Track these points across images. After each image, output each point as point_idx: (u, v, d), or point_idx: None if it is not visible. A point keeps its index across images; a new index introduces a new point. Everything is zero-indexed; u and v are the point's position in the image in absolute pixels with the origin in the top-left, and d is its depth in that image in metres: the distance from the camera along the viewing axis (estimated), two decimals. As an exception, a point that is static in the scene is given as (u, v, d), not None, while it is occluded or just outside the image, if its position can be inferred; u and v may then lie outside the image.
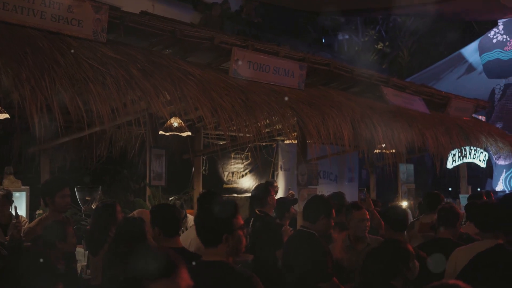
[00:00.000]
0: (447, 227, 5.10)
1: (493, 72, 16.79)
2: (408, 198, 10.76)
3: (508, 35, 16.50)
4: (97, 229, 5.27)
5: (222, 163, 11.14)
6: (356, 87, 9.40)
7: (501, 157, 14.99)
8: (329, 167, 11.90)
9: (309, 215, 4.87)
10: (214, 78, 6.46)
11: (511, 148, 12.54)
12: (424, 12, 14.18)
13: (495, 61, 16.67)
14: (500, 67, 16.60)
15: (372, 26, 22.92)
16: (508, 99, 16.51)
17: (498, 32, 16.73)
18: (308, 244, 4.71)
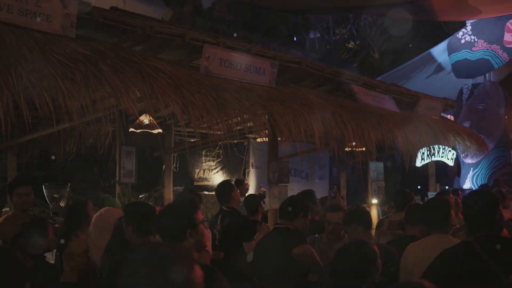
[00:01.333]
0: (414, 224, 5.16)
1: (461, 72, 17.04)
2: (378, 196, 10.88)
3: (476, 36, 16.77)
4: (68, 226, 5.23)
5: (193, 160, 11.11)
6: (327, 85, 9.45)
7: (469, 155, 15.26)
8: (300, 164, 11.98)
9: (289, 214, 4.89)
10: (185, 75, 6.42)
11: (478, 147, 12.78)
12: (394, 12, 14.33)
13: (463, 61, 16.93)
14: (468, 67, 16.85)
15: (343, 25, 23.12)
16: (475, 99, 16.79)
17: (466, 32, 16.98)
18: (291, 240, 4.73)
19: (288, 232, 4.81)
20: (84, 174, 10.06)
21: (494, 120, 16.57)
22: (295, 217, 4.86)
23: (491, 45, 16.54)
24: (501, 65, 16.88)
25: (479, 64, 16.75)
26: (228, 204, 6.26)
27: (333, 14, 20.32)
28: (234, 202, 6.35)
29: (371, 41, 23.64)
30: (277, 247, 4.75)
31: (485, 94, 16.85)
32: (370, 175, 10.77)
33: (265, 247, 4.96)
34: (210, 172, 11.33)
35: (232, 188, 6.41)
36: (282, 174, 7.82)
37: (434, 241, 4.22)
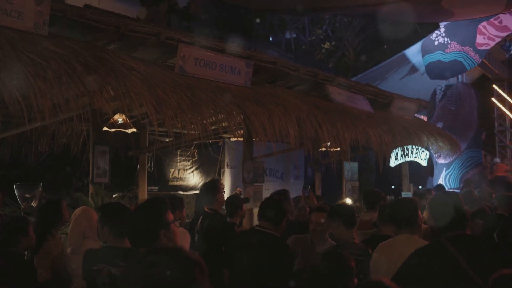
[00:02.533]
0: (388, 224, 5.20)
1: (434, 73, 17.22)
2: (352, 195, 10.97)
3: (449, 38, 16.97)
4: (41, 225, 5.15)
5: (168, 160, 11.03)
6: (302, 85, 9.49)
7: (442, 156, 15.45)
8: (275, 164, 11.99)
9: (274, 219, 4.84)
10: (159, 75, 6.40)
11: (451, 147, 12.96)
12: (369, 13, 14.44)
13: (436, 63, 17.10)
14: (441, 68, 17.04)
15: (319, 25, 23.24)
16: (448, 100, 16.99)
17: (440, 34, 17.17)
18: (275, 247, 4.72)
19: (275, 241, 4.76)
20: (57, 174, 9.93)
21: (466, 121, 16.80)
22: (280, 223, 4.83)
23: (464, 47, 16.76)
24: (473, 66, 17.11)
25: (452, 65, 16.95)
26: (212, 206, 6.20)
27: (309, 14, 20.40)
28: (218, 204, 6.29)
29: (346, 42, 23.81)
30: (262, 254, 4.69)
31: (458, 95, 17.07)
32: (344, 175, 10.87)
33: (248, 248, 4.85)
34: (185, 172, 11.27)
35: (218, 190, 6.33)
36: (257, 174, 7.84)
37: (401, 241, 4.26)
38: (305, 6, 12.77)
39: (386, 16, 15.33)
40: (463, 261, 3.26)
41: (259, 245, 4.71)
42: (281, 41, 23.11)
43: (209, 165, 11.39)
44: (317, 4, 12.59)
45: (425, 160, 13.05)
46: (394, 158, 11.86)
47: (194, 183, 11.26)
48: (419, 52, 17.80)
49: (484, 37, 16.57)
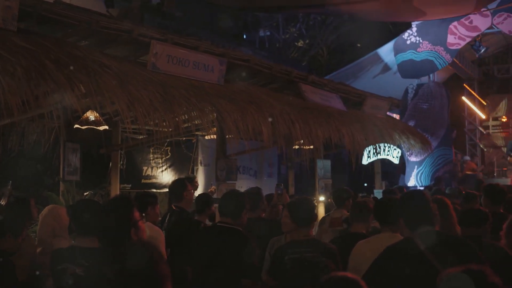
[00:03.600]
0: (360, 221, 5.24)
1: (406, 72, 17.40)
2: (325, 193, 11.03)
3: (421, 37, 17.17)
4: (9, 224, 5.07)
5: (141, 158, 10.96)
6: (275, 83, 9.51)
7: (413, 154, 15.65)
8: (249, 162, 12.01)
9: (232, 211, 4.80)
10: (131, 72, 6.34)
11: (422, 145, 13.12)
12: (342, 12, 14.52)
13: (408, 62, 17.28)
14: (413, 67, 17.23)
15: (292, 23, 23.29)
16: (420, 98, 17.18)
17: (412, 34, 17.36)
18: (236, 241, 4.67)
19: (235, 235, 4.72)
20: (27, 172, 9.79)
21: (438, 119, 17.02)
22: (238, 217, 4.81)
23: (435, 46, 16.98)
24: (445, 66, 17.36)
25: (423, 64, 17.16)
26: (179, 204, 6.18)
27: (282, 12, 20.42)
28: (186, 202, 6.26)
29: (320, 40, 23.91)
30: (223, 249, 4.66)
31: (429, 94, 17.27)
32: (317, 172, 10.92)
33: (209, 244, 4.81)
34: (158, 170, 11.21)
35: (186, 187, 6.29)
36: (230, 172, 7.83)
37: (383, 239, 4.29)
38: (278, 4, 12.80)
39: (359, 15, 15.43)
40: (432, 257, 3.31)
41: (220, 240, 4.69)
42: (255, 39, 23.11)
43: (182, 163, 11.35)
44: (291, 2, 12.62)
45: (397, 158, 13.19)
46: (367, 156, 11.96)
47: (167, 180, 11.20)
48: (391, 51, 17.97)
49: (455, 37, 16.81)
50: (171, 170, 11.36)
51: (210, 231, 5.11)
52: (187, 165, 11.35)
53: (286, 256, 4.41)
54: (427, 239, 3.44)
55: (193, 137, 11.05)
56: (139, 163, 11.03)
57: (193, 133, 9.93)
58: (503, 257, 4.15)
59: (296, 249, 4.46)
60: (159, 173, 11.23)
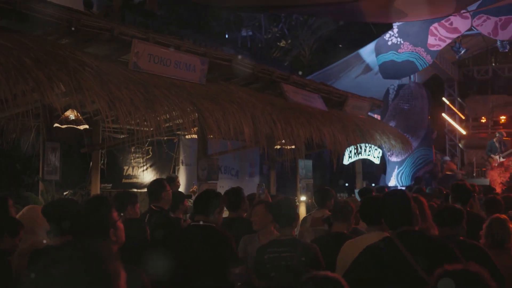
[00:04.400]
0: (341, 221, 5.26)
1: (388, 73, 17.52)
2: (307, 193, 11.07)
3: (402, 38, 17.30)
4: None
5: (122, 157, 10.90)
6: (257, 83, 9.52)
7: (394, 154, 15.77)
8: (230, 162, 11.99)
9: (206, 210, 4.83)
10: (112, 71, 6.30)
11: (403, 145, 13.22)
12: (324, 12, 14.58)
13: (389, 63, 17.40)
14: (394, 68, 17.35)
15: (275, 23, 23.32)
16: (401, 99, 17.32)
17: (393, 35, 17.48)
18: (211, 237, 4.68)
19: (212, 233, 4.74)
20: (7, 171, 9.69)
21: (418, 119, 17.17)
22: (212, 214, 4.79)
23: (416, 47, 17.12)
24: (425, 67, 17.51)
25: (404, 65, 17.29)
26: (158, 204, 6.17)
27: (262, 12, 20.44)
28: (164, 202, 6.25)
29: (302, 41, 23.98)
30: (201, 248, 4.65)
31: (410, 95, 17.41)
32: (299, 172, 10.95)
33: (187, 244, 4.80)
34: (139, 169, 11.16)
35: (164, 187, 6.29)
36: (212, 171, 7.82)
37: (373, 239, 4.31)
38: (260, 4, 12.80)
39: (341, 16, 15.50)
40: (410, 256, 3.35)
41: (197, 239, 4.69)
42: (237, 38, 23.10)
43: (164, 163, 11.31)
44: (272, 2, 12.64)
45: (378, 158, 13.28)
46: (348, 156, 12.03)
47: (148, 180, 11.13)
48: (373, 51, 18.08)
49: (435, 38, 16.96)
50: (152, 169, 11.31)
51: (186, 231, 5.13)
52: (169, 164, 11.31)
53: (266, 255, 4.47)
54: (406, 238, 3.48)
55: (175, 136, 11.01)
56: (120, 162, 10.97)
57: (174, 132, 9.90)
58: (482, 257, 4.20)
59: (275, 248, 4.50)
60: (140, 172, 11.17)
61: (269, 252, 4.49)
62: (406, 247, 3.41)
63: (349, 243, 4.46)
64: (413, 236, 3.53)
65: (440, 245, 3.55)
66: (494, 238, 4.86)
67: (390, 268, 3.45)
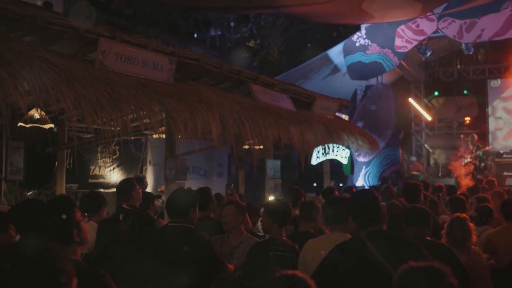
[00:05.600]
0: (307, 220, 5.29)
1: (355, 74, 17.68)
2: (275, 193, 11.09)
3: (370, 40, 17.48)
4: None
5: (88, 157, 10.76)
6: (225, 83, 9.49)
7: (361, 154, 15.92)
8: (199, 162, 11.95)
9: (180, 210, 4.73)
10: (78, 69, 6.20)
11: (370, 146, 13.35)
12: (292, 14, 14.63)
13: (357, 64, 17.57)
14: (362, 69, 17.52)
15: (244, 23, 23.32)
16: (368, 100, 17.50)
17: (361, 36, 17.66)
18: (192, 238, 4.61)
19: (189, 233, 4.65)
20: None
21: (385, 120, 17.38)
22: (187, 214, 4.74)
23: (383, 49, 17.32)
24: (392, 68, 17.73)
25: (372, 66, 17.47)
26: (128, 202, 6.12)
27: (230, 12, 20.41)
28: (134, 200, 6.21)
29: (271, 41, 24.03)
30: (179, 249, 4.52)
31: (377, 96, 17.62)
32: (267, 172, 10.97)
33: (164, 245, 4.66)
34: (106, 169, 11.03)
35: (134, 186, 6.24)
36: (180, 172, 7.78)
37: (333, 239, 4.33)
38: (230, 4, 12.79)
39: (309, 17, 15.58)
40: (379, 255, 3.38)
41: (175, 239, 4.60)
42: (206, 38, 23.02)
43: (131, 162, 11.20)
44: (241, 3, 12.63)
45: (346, 158, 13.39)
46: (316, 156, 12.10)
47: (115, 180, 11.02)
48: (341, 52, 18.23)
49: (402, 40, 17.19)
50: (119, 169, 11.19)
51: (163, 232, 4.96)
52: (136, 164, 11.20)
53: (271, 252, 4.52)
54: (375, 238, 3.52)
55: (142, 136, 10.91)
56: (86, 162, 10.83)
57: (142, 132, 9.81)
58: (449, 257, 4.28)
59: (278, 246, 4.58)
60: (107, 172, 11.05)
61: (274, 250, 4.55)
62: (376, 246, 3.45)
63: (311, 242, 4.48)
64: (382, 236, 3.58)
65: (409, 244, 3.60)
66: (454, 237, 4.96)
67: (360, 267, 3.48)
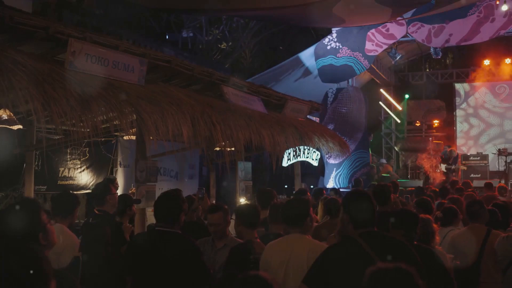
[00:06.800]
0: (278, 222, 5.32)
1: (326, 77, 17.83)
2: (246, 194, 11.11)
3: (341, 43, 17.65)
4: None
5: (57, 158, 10.64)
6: (197, 85, 9.48)
7: (332, 156, 16.04)
8: (170, 164, 11.92)
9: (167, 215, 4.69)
10: (48, 70, 6.14)
11: (341, 148, 13.46)
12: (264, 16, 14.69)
13: (328, 67, 17.72)
14: (333, 72, 17.68)
15: (216, 25, 23.31)
16: (339, 102, 17.66)
17: (332, 39, 17.82)
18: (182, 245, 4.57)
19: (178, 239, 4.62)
20: None
21: (355, 123, 17.56)
22: (177, 220, 4.69)
23: (354, 52, 17.51)
24: (363, 71, 17.95)
25: (343, 69, 17.65)
26: (101, 207, 6.05)
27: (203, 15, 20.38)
28: (109, 205, 6.14)
29: (243, 43, 24.07)
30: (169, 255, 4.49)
31: (348, 98, 17.79)
32: (238, 174, 10.98)
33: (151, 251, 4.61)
34: (75, 171, 10.92)
35: (109, 191, 6.18)
36: (150, 173, 7.73)
37: (290, 240, 4.38)
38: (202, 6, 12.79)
39: (281, 20, 15.66)
40: (374, 255, 3.45)
41: (164, 245, 4.55)
42: (178, 39, 22.94)
43: (101, 164, 11.12)
44: (214, 6, 12.64)
45: (317, 160, 13.47)
46: (287, 158, 12.15)
47: (85, 182, 10.94)
48: (312, 55, 18.36)
49: (372, 44, 17.41)
50: (89, 171, 11.09)
51: (149, 236, 4.92)
52: (106, 166, 11.13)
53: (252, 256, 4.53)
54: (370, 239, 3.59)
55: (113, 137, 10.84)
56: (55, 164, 10.70)
57: (112, 134, 9.75)
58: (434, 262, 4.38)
59: (256, 249, 4.62)
60: (77, 174, 10.94)
61: (256, 253, 4.58)
62: (370, 246, 3.52)
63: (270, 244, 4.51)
64: (375, 236, 3.65)
65: (400, 245, 3.69)
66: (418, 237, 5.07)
67: (356, 266, 3.52)
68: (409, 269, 2.52)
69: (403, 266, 2.55)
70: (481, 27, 16.45)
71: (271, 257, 4.35)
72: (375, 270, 2.59)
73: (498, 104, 22.62)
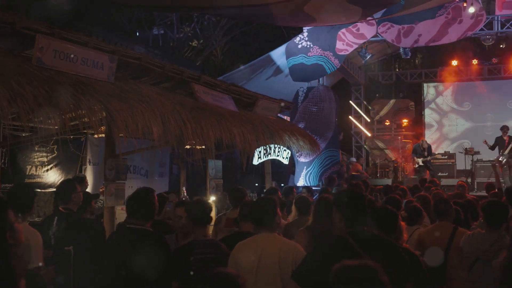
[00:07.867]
0: (248, 220, 5.33)
1: (297, 76, 17.89)
2: (216, 193, 11.10)
3: (312, 42, 17.74)
4: None
5: (24, 156, 10.47)
6: (167, 82, 9.43)
7: (302, 155, 16.14)
8: (140, 162, 11.84)
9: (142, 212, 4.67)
10: (14, 66, 6.04)
11: (311, 146, 13.54)
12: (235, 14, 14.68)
13: (299, 65, 17.79)
14: (303, 71, 17.75)
15: (187, 23, 23.21)
16: (310, 101, 17.74)
17: (303, 38, 17.89)
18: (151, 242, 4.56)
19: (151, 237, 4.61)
20: None
21: (326, 122, 17.67)
22: (151, 218, 4.69)
23: (325, 51, 17.62)
24: (333, 70, 18.06)
25: (313, 68, 17.74)
26: (67, 205, 5.99)
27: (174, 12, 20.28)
28: (74, 203, 6.09)
29: (214, 41, 24.02)
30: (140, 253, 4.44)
31: (319, 97, 17.88)
32: (209, 172, 10.97)
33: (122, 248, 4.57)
34: (43, 169, 10.76)
35: (74, 189, 6.11)
36: (120, 171, 7.67)
37: (260, 240, 4.40)
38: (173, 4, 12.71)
39: (252, 18, 15.66)
40: (362, 252, 3.49)
41: (135, 243, 4.52)
42: (148, 37, 22.77)
43: (70, 162, 10.98)
44: (184, 3, 12.58)
45: (287, 158, 13.53)
46: (258, 156, 12.18)
47: (52, 180, 10.79)
48: (283, 54, 18.41)
49: (343, 43, 17.54)
50: (57, 169, 10.95)
51: (122, 234, 4.84)
52: (75, 164, 11.00)
53: (192, 257, 4.46)
54: (360, 237, 3.64)
55: (82, 135, 10.71)
56: (23, 161, 10.53)
57: (81, 131, 9.63)
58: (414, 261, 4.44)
59: (199, 249, 4.53)
60: (44, 172, 10.79)
61: (195, 254, 4.50)
62: (358, 244, 3.57)
63: (240, 244, 4.50)
64: (362, 235, 3.69)
65: (389, 245, 3.75)
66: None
67: None
68: (374, 266, 2.56)
69: (368, 263, 2.59)
70: (449, 28, 16.73)
71: (240, 257, 4.36)
72: (340, 267, 2.62)
73: (465, 103, 23.04)
